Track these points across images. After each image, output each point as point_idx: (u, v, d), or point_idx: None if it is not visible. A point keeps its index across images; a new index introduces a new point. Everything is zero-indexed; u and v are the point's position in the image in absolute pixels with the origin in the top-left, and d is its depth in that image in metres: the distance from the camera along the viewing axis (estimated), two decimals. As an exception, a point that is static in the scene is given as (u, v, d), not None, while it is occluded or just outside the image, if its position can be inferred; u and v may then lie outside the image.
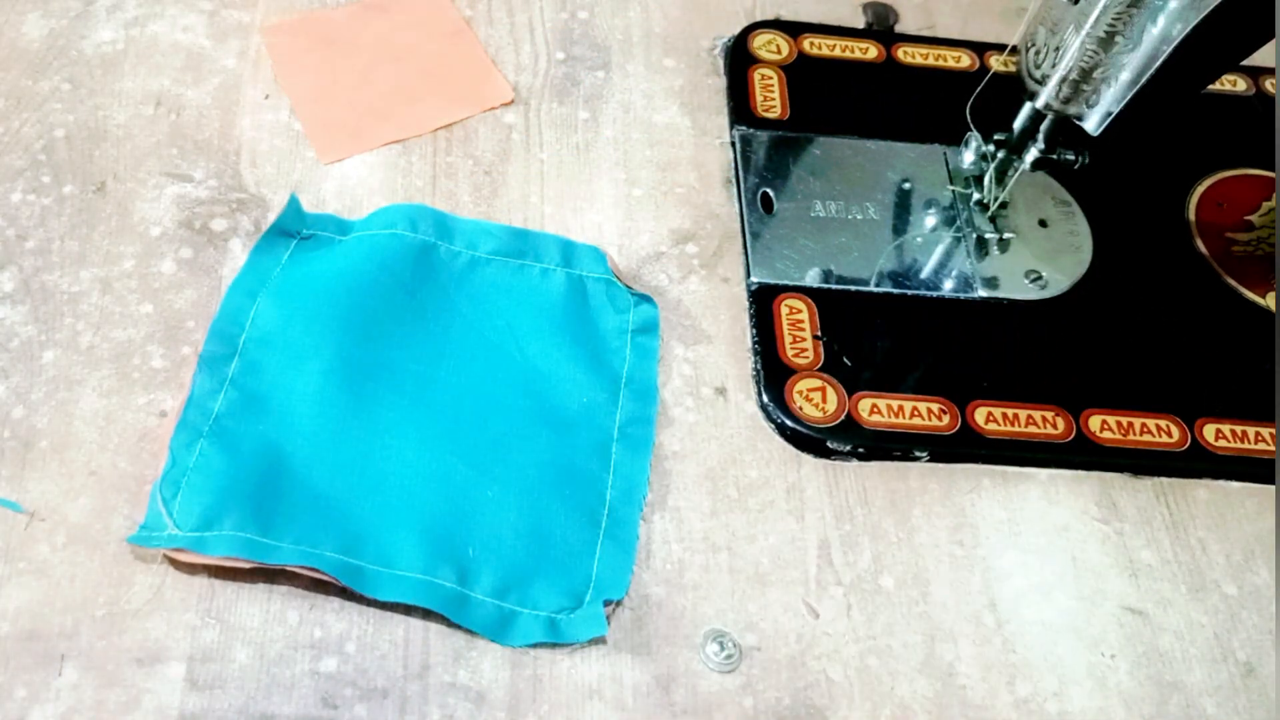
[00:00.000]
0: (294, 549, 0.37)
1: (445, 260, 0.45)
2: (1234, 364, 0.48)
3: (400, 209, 0.46)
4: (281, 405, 0.40)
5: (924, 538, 0.41)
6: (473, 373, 0.43)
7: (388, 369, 0.42)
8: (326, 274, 0.44)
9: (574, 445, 0.41)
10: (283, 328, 0.42)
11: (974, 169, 0.50)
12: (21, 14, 0.51)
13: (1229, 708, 0.39)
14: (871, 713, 0.37)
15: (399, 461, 0.40)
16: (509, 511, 0.39)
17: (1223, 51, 0.41)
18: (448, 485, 0.40)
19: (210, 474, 0.38)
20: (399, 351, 0.42)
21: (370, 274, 0.44)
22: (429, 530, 0.38)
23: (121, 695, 0.35)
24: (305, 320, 0.42)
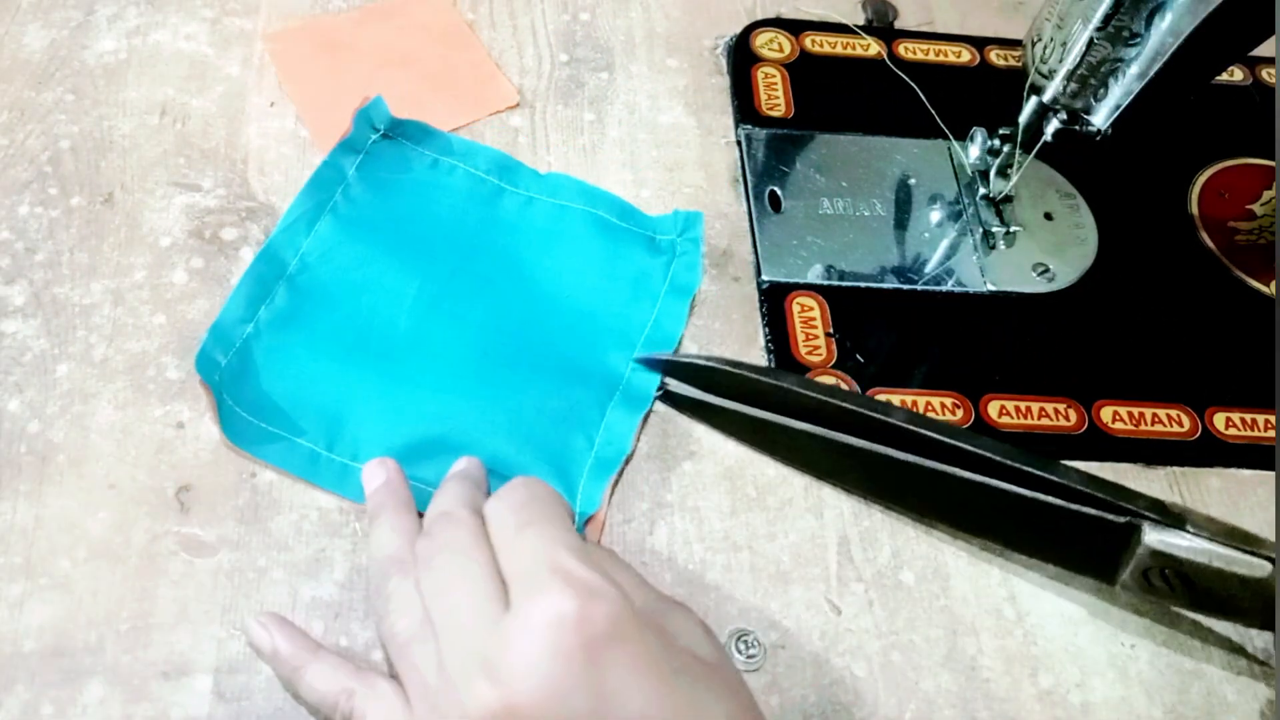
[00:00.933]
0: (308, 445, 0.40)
1: (512, 205, 0.48)
2: (1241, 352, 0.48)
3: (477, 148, 0.48)
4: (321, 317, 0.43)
5: (942, 531, 0.42)
6: (509, 310, 0.44)
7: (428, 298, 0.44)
8: (394, 200, 0.46)
9: (579, 390, 0.42)
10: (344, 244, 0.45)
11: (979, 163, 0.51)
12: (22, 25, 0.50)
13: (1249, 694, 0.39)
14: (897, 708, 0.38)
15: (412, 374, 0.42)
16: (502, 436, 0.41)
17: (1231, 44, 0.41)
18: (452, 405, 0.41)
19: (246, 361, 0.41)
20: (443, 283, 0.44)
21: (438, 210, 0.47)
22: (417, 437, 0.40)
23: (149, 709, 0.35)
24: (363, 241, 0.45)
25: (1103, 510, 0.37)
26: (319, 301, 0.43)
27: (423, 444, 0.40)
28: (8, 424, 0.39)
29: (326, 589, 0.37)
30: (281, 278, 0.43)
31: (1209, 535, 0.36)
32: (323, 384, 0.41)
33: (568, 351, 0.44)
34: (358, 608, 0.37)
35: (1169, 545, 0.36)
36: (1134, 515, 0.36)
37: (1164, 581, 0.36)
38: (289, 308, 0.43)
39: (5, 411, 0.40)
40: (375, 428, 0.40)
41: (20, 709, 0.34)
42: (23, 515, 0.38)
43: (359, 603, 0.37)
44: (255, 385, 0.41)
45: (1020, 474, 0.38)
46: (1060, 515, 0.37)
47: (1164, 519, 0.36)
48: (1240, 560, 0.35)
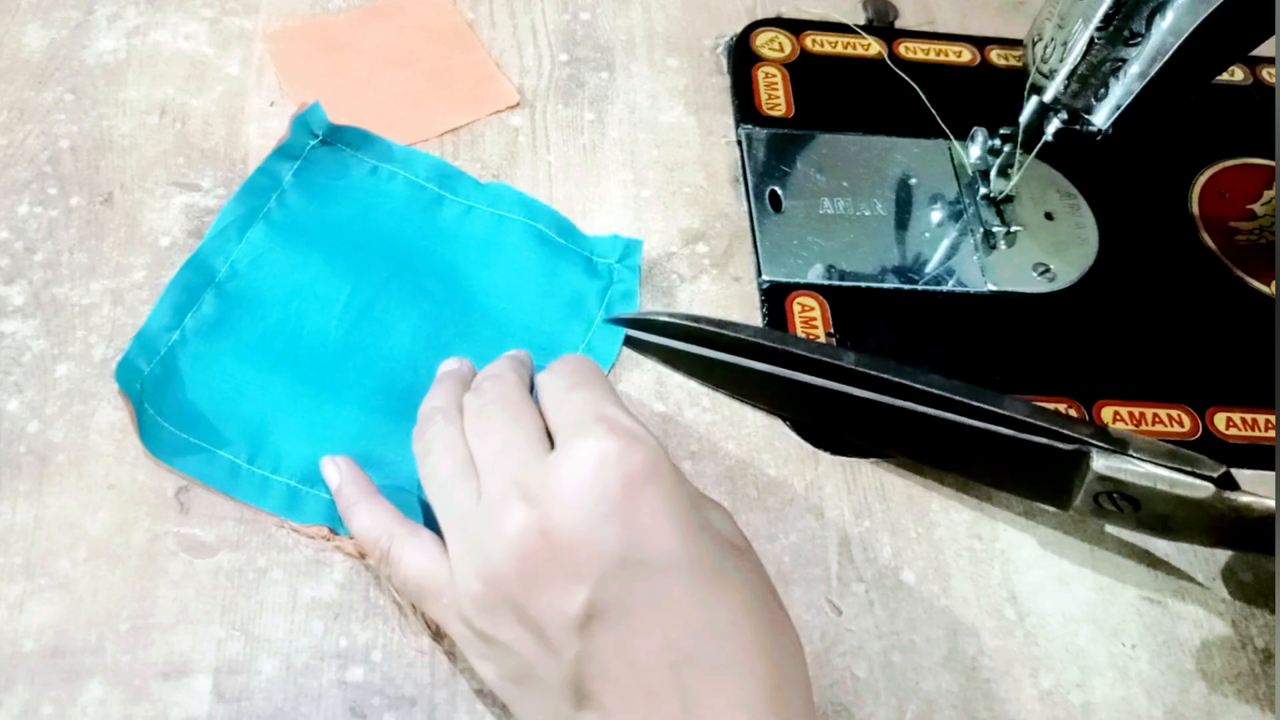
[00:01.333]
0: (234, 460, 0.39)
1: (449, 213, 0.47)
2: (1242, 352, 0.48)
3: (418, 155, 0.48)
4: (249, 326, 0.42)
5: (943, 532, 0.42)
6: (442, 321, 0.44)
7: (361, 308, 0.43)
8: (330, 205, 0.46)
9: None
10: (277, 248, 0.44)
11: (980, 163, 0.51)
12: (21, 25, 0.50)
13: (1249, 694, 0.39)
14: (898, 708, 0.38)
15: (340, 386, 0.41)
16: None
17: (1232, 43, 0.41)
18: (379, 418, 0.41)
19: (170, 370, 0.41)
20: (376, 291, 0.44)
21: (373, 215, 0.46)
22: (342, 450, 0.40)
23: (149, 709, 0.34)
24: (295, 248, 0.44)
25: (1051, 439, 0.38)
26: (247, 309, 0.42)
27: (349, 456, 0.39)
28: (8, 424, 0.39)
29: (326, 589, 0.37)
30: (210, 285, 0.42)
31: (1151, 458, 0.37)
32: (248, 394, 0.40)
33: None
34: (358, 608, 0.37)
35: (1115, 470, 0.37)
36: (1081, 443, 0.38)
37: (1113, 504, 0.38)
38: (216, 316, 0.42)
39: (5, 411, 0.40)
40: (299, 440, 0.40)
41: (20, 709, 0.34)
42: (23, 515, 0.38)
43: (359, 603, 0.37)
44: (178, 394, 0.40)
45: (971, 408, 0.39)
46: (1011, 445, 0.39)
47: (1109, 445, 0.37)
48: (1182, 482, 0.37)
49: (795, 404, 0.43)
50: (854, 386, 0.40)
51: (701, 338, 0.43)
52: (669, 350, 0.44)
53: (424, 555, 0.34)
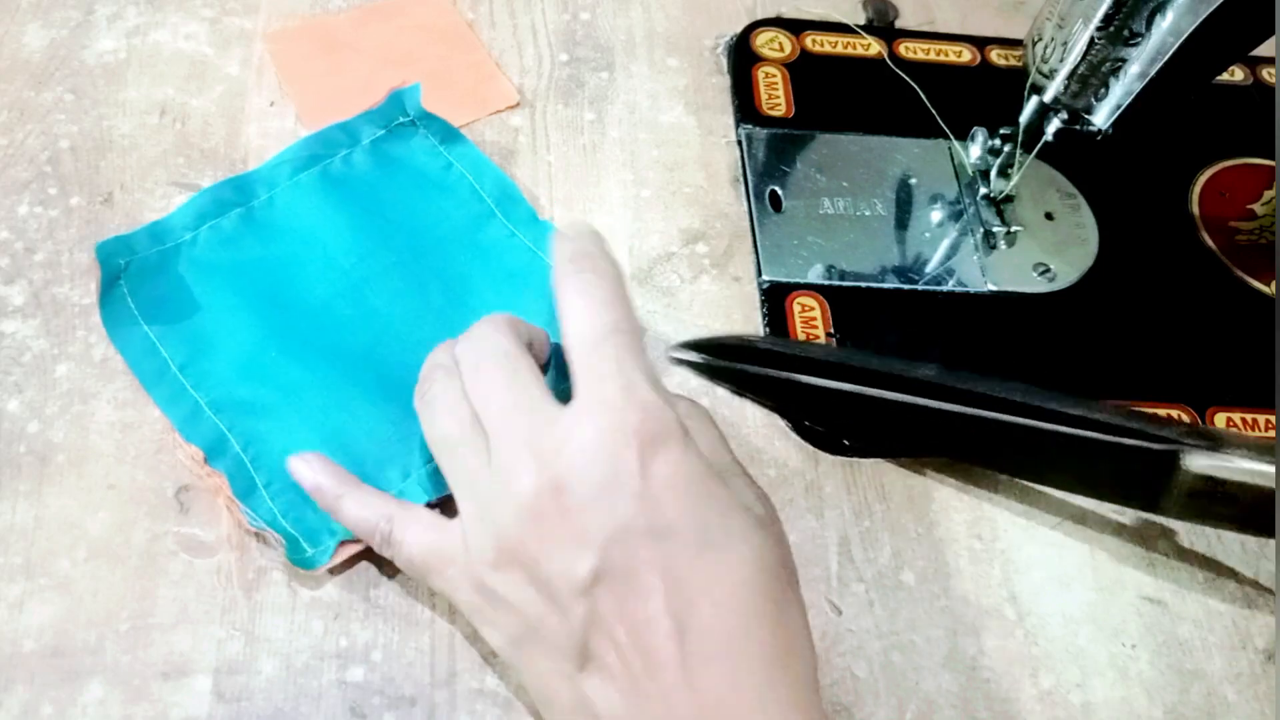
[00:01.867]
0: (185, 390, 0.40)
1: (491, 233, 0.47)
2: (1242, 352, 0.48)
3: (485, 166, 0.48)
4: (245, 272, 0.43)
5: (943, 532, 0.42)
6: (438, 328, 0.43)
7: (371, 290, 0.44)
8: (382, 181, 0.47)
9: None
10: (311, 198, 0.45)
11: (980, 163, 0.51)
12: (21, 25, 0.50)
13: (1249, 694, 0.39)
14: (898, 708, 0.38)
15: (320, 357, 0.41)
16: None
17: (1231, 44, 0.41)
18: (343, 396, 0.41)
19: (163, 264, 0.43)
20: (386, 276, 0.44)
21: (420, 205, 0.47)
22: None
23: (149, 709, 0.34)
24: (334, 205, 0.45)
25: (1142, 440, 0.37)
26: (261, 244, 0.43)
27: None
28: (8, 424, 0.39)
29: (326, 589, 0.37)
30: (240, 205, 0.44)
31: (1247, 454, 0.36)
32: (215, 315, 0.41)
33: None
34: (358, 608, 0.37)
35: (1215, 468, 0.36)
36: (1174, 442, 0.37)
37: (1209, 502, 0.37)
38: (230, 236, 0.44)
39: (5, 411, 0.40)
40: (235, 372, 0.40)
41: (20, 709, 0.34)
42: (22, 515, 0.38)
43: (359, 603, 0.37)
44: (156, 286, 0.42)
45: (1059, 414, 0.38)
46: (1101, 449, 0.38)
47: (1202, 443, 0.37)
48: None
49: (866, 421, 0.42)
50: (934, 399, 0.39)
51: (766, 357, 0.42)
52: (719, 368, 0.43)
53: (426, 529, 0.35)
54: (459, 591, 0.34)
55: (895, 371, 0.40)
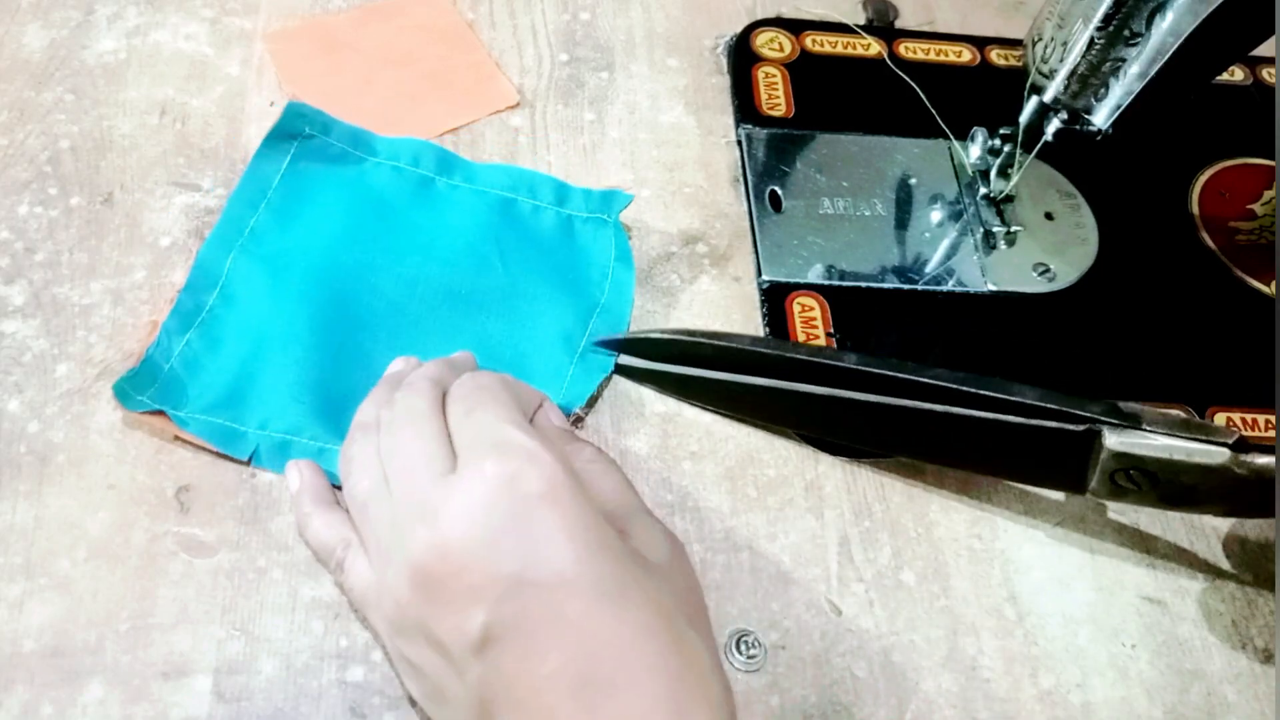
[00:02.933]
0: (259, 434, 0.40)
1: (443, 193, 0.47)
2: (1242, 352, 0.48)
3: (405, 143, 0.48)
4: (267, 312, 0.42)
5: (943, 532, 0.42)
6: (449, 290, 0.44)
7: (371, 286, 0.44)
8: (323, 197, 0.46)
9: (533, 360, 0.43)
10: (276, 241, 0.45)
11: (980, 163, 0.51)
12: (22, 25, 0.50)
13: (1249, 694, 0.39)
14: (897, 708, 0.38)
15: (371, 363, 0.41)
16: None
17: (1231, 44, 0.41)
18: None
19: (192, 361, 0.41)
20: (384, 273, 0.44)
21: (366, 203, 0.46)
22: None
23: (148, 709, 0.34)
24: (298, 238, 0.44)
25: (1061, 421, 0.38)
26: (252, 305, 0.43)
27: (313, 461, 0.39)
28: (8, 424, 0.39)
29: (326, 589, 0.37)
30: (214, 287, 0.43)
31: (1165, 430, 0.37)
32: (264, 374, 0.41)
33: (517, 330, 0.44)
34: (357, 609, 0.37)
35: (1130, 445, 0.37)
36: (1092, 421, 0.37)
37: (1130, 482, 0.37)
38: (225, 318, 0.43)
39: (5, 411, 0.40)
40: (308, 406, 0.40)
41: (20, 709, 0.34)
42: (23, 515, 0.38)
43: (359, 603, 0.37)
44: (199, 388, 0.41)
45: (977, 398, 0.38)
46: (1021, 432, 0.38)
47: (1121, 421, 0.37)
48: (1199, 450, 0.36)
49: (798, 415, 0.42)
50: (857, 390, 0.40)
51: (696, 354, 0.42)
52: (659, 373, 0.43)
53: (367, 568, 0.34)
54: (382, 637, 0.34)
55: (818, 360, 0.40)
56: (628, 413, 0.43)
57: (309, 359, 0.41)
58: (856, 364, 0.40)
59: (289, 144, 0.47)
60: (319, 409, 0.40)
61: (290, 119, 0.47)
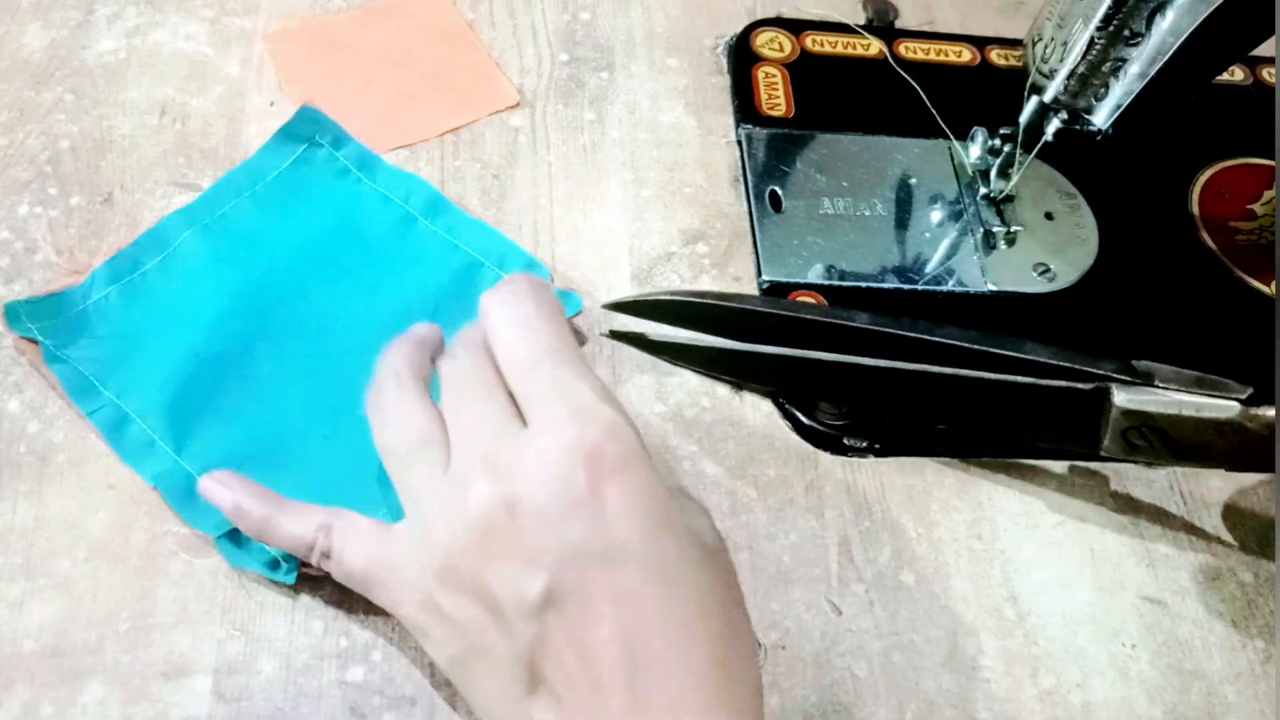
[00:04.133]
0: (112, 399, 0.40)
1: (420, 235, 0.46)
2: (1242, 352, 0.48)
3: (406, 177, 0.47)
4: (192, 294, 0.43)
5: (943, 532, 0.42)
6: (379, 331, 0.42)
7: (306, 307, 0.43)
8: (306, 208, 0.46)
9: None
10: (240, 232, 0.45)
11: (980, 163, 0.51)
12: (21, 25, 0.50)
13: (1249, 694, 0.39)
14: (898, 708, 0.38)
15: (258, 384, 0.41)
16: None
17: (1231, 43, 0.41)
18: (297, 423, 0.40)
19: (100, 314, 0.42)
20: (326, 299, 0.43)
21: (345, 226, 0.46)
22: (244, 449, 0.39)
23: (148, 709, 0.34)
24: (263, 237, 0.45)
25: (1071, 380, 0.37)
26: (183, 282, 0.43)
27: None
28: (8, 424, 0.39)
29: (327, 589, 0.37)
30: (160, 253, 0.43)
31: (1177, 387, 0.37)
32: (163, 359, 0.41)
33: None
34: (358, 607, 0.37)
35: (1140, 403, 0.37)
36: (1101, 379, 0.37)
37: (1143, 439, 0.37)
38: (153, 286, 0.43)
39: (5, 411, 0.40)
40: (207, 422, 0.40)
41: (20, 709, 0.34)
42: (22, 515, 0.38)
43: (359, 602, 0.37)
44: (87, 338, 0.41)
45: (988, 356, 0.38)
46: (1031, 393, 0.38)
47: (1132, 378, 0.37)
48: (1210, 405, 0.36)
49: (801, 381, 0.42)
50: (863, 353, 0.39)
51: (701, 317, 0.42)
52: (667, 344, 0.43)
53: (366, 540, 0.34)
54: (402, 606, 0.33)
55: (829, 320, 0.40)
56: (627, 412, 0.43)
57: (201, 353, 0.41)
58: (869, 323, 0.39)
59: (295, 146, 0.47)
60: (174, 403, 0.39)
61: (302, 122, 0.47)
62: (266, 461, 0.39)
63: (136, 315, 0.42)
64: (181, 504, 0.38)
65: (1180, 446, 0.37)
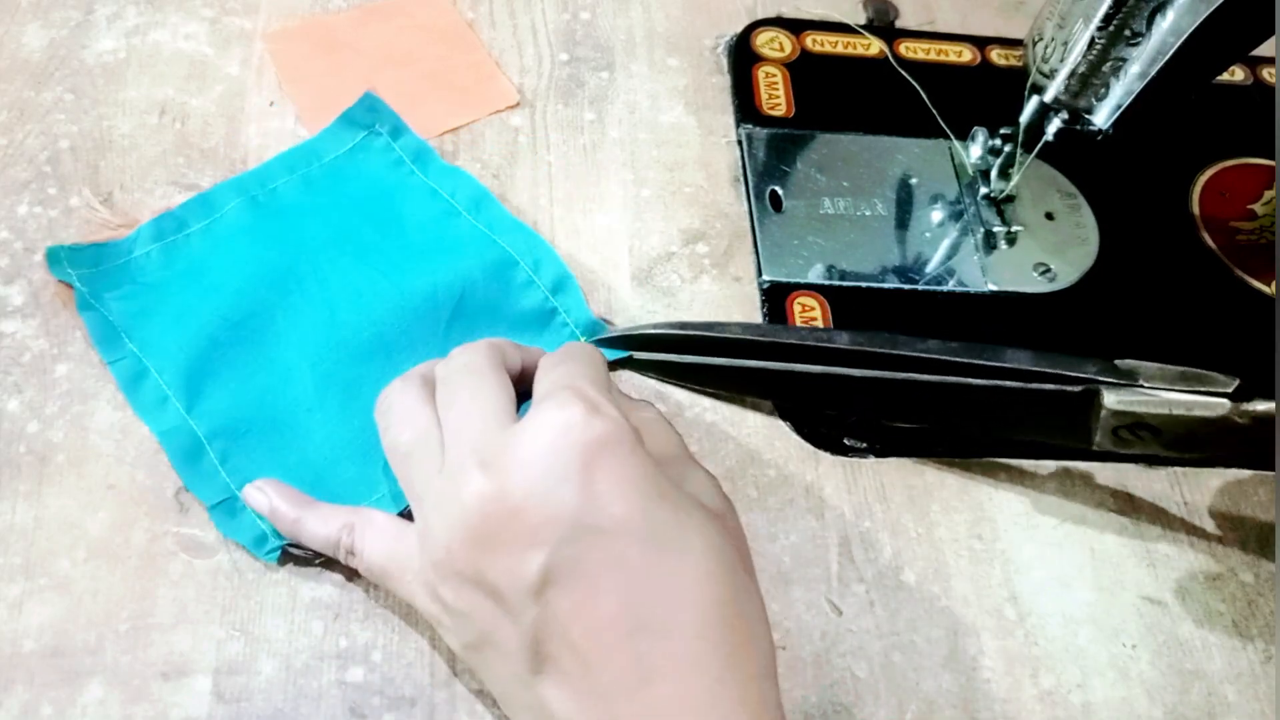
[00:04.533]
0: (133, 350, 0.41)
1: (461, 228, 0.46)
2: (1242, 352, 0.48)
3: (455, 173, 0.47)
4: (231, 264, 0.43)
5: (943, 532, 0.42)
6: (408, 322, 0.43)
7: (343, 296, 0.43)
8: (356, 194, 0.46)
9: None
10: (289, 207, 0.45)
11: (981, 163, 0.51)
12: (21, 25, 0.50)
13: (1249, 694, 0.39)
14: (898, 708, 0.38)
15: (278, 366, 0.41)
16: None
17: (1231, 43, 0.41)
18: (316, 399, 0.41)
19: (138, 269, 0.43)
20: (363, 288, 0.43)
21: (392, 218, 0.46)
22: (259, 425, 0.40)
23: (148, 710, 0.34)
24: (310, 217, 0.45)
25: (1059, 384, 0.38)
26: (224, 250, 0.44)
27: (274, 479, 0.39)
28: (7, 424, 0.39)
29: (326, 589, 0.37)
30: (207, 218, 0.44)
31: (1164, 385, 0.37)
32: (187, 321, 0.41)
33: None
34: (358, 608, 0.37)
35: (1128, 403, 0.37)
36: (1089, 382, 0.38)
37: (1134, 436, 0.38)
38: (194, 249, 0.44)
39: (5, 411, 0.40)
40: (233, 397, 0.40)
41: (20, 709, 0.34)
42: (22, 515, 0.38)
43: (359, 603, 0.37)
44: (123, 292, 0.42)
45: (971, 367, 0.39)
46: (1020, 397, 0.39)
47: (1118, 379, 0.38)
48: (1199, 403, 0.37)
49: (795, 394, 0.43)
50: (851, 367, 0.40)
51: (690, 344, 0.43)
52: (661, 363, 0.44)
53: (384, 536, 0.35)
54: (417, 598, 0.34)
55: (810, 343, 0.41)
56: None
57: (226, 319, 0.41)
58: (848, 344, 0.40)
59: (355, 133, 0.48)
60: (192, 363, 0.40)
61: (363, 109, 0.48)
62: (272, 431, 0.40)
63: (172, 275, 0.43)
64: (182, 463, 0.39)
65: (1173, 440, 0.38)
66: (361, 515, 0.36)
